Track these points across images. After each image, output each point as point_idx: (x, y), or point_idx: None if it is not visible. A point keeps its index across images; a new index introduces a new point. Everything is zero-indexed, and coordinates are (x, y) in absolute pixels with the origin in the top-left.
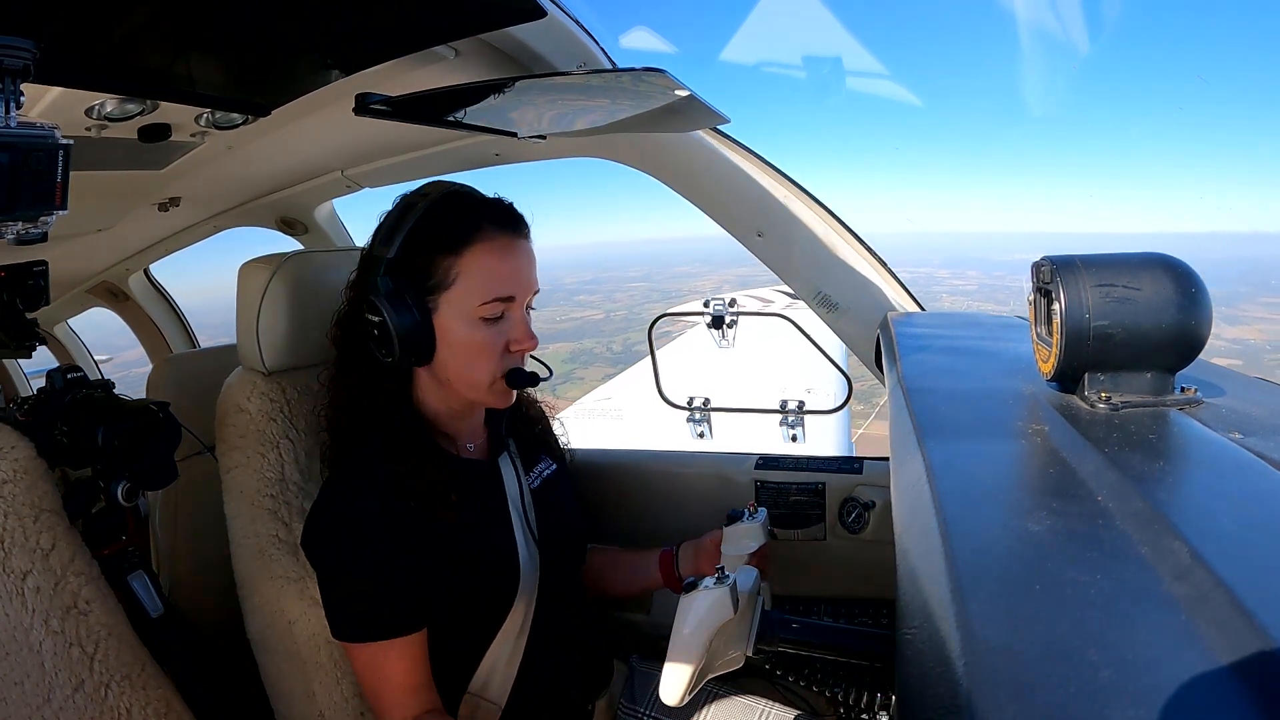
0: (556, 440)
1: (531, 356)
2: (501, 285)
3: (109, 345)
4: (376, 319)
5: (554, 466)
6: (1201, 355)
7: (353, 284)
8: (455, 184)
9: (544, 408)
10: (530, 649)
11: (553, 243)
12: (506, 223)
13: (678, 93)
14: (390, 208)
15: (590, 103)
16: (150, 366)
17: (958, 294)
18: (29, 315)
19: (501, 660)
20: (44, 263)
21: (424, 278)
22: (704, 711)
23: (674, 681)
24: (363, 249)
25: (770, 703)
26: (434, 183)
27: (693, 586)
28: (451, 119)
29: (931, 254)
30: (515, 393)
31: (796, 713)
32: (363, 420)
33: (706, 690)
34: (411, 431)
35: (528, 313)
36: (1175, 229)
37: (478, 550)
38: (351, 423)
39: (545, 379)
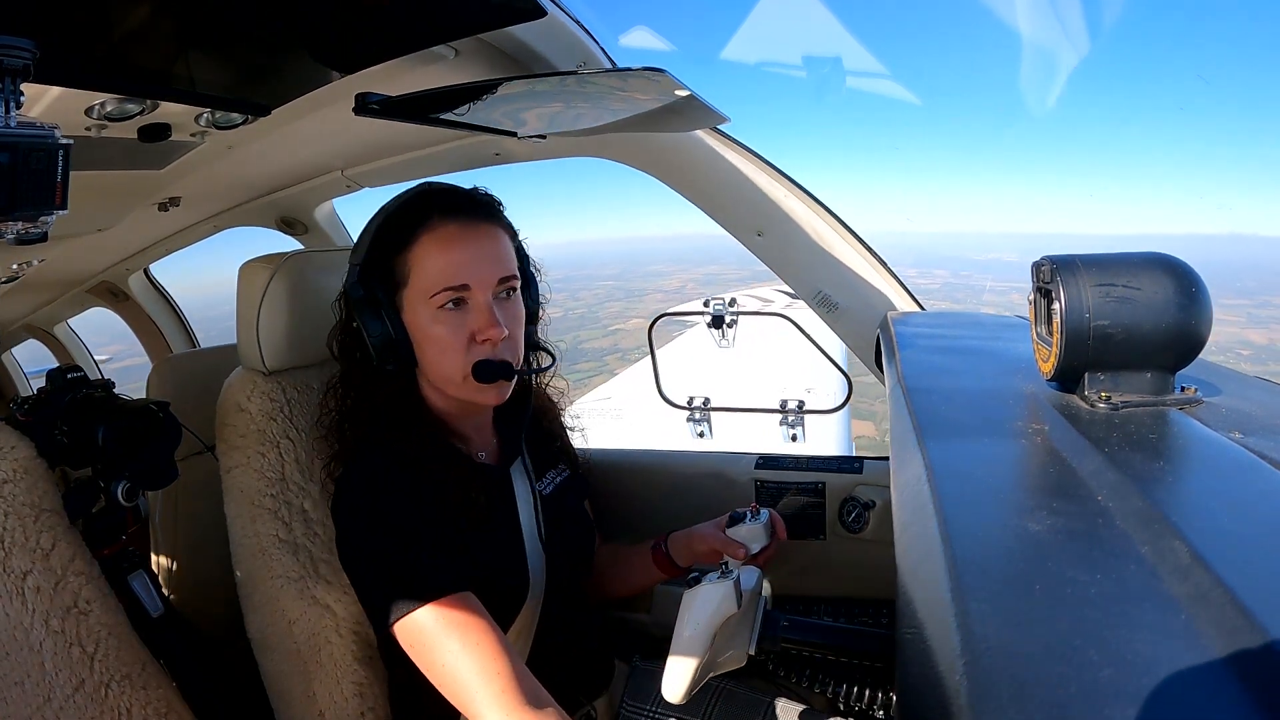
0: (571, 446)
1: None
2: (451, 274)
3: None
4: (355, 325)
5: (567, 473)
6: None
7: (342, 293)
8: (437, 183)
9: (561, 413)
10: (536, 650)
11: (544, 240)
12: (456, 211)
13: (678, 92)
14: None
15: (590, 102)
16: (150, 367)
17: (920, 293)
18: None
19: None
20: None
21: (387, 277)
22: (707, 708)
23: (677, 677)
24: None
25: (775, 698)
26: (420, 183)
27: (696, 581)
28: (451, 119)
29: (905, 253)
30: (505, 388)
31: (802, 707)
32: (370, 426)
33: (709, 686)
34: (422, 432)
35: (500, 300)
36: (1151, 230)
37: (487, 555)
38: (357, 430)
39: (537, 370)
